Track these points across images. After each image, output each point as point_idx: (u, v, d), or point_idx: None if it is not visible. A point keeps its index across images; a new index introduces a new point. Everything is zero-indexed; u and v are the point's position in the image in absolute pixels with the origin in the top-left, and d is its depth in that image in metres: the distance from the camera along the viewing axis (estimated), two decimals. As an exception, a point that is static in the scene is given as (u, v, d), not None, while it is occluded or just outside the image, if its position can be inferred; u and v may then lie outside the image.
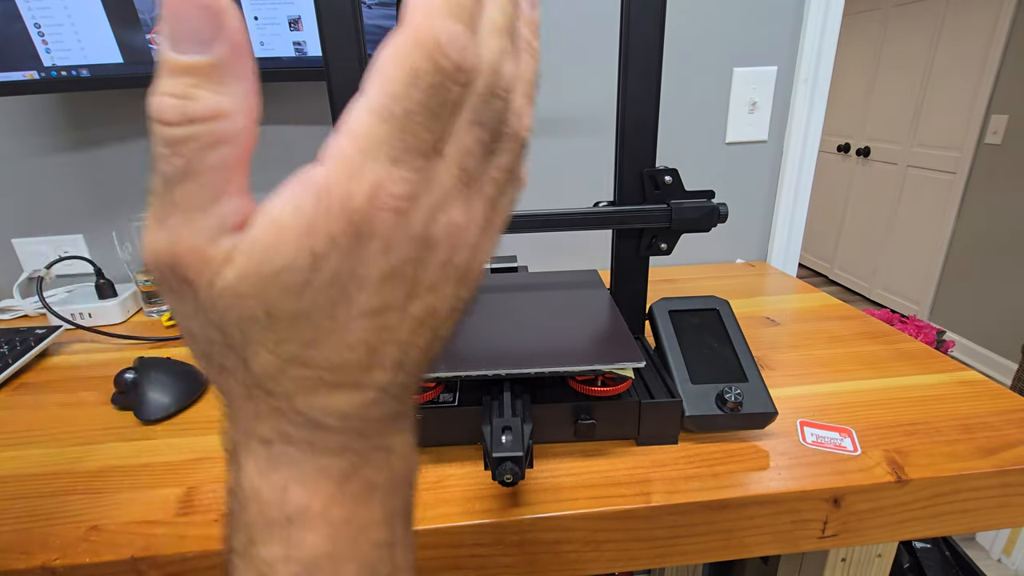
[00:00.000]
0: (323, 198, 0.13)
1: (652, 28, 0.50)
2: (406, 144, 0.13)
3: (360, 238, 0.13)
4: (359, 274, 0.14)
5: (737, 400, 0.46)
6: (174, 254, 0.14)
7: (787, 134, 0.94)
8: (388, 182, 0.13)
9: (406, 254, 0.14)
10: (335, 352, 0.15)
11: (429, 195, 0.14)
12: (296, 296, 0.14)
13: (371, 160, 0.13)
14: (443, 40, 0.13)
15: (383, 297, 0.15)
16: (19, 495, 0.44)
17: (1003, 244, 2.17)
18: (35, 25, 0.68)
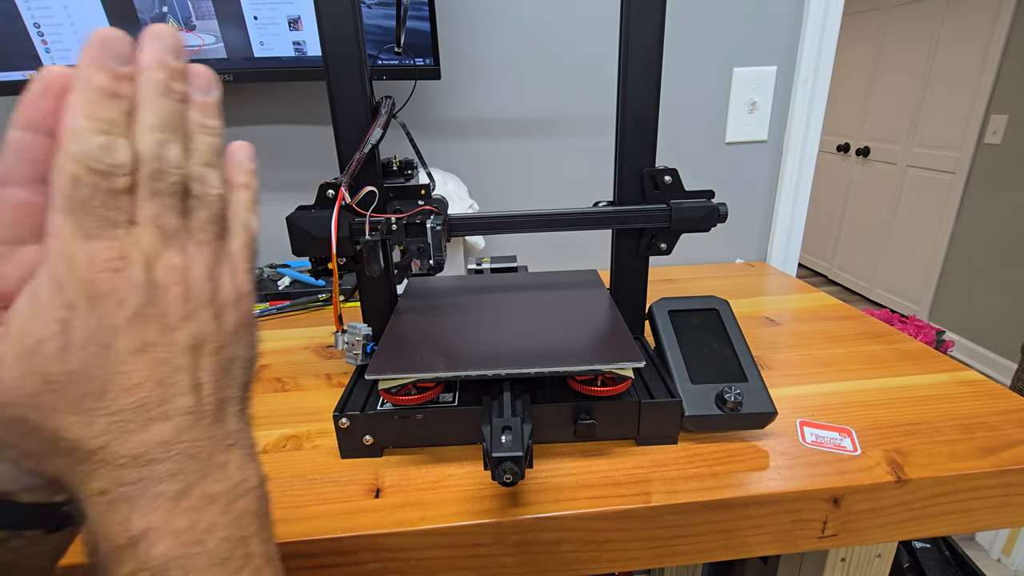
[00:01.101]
0: (51, 281, 0.17)
1: (652, 28, 0.50)
2: (96, 223, 0.17)
3: (93, 298, 0.17)
4: (108, 324, 0.17)
5: (737, 400, 0.46)
6: None
7: (787, 134, 0.94)
8: (95, 253, 0.17)
9: (140, 298, 0.18)
10: (126, 394, 0.18)
11: (138, 253, 0.18)
12: (62, 359, 0.17)
13: (76, 243, 0.17)
14: (91, 152, 0.17)
15: (140, 338, 0.18)
16: (18, 495, 0.44)
17: (1003, 244, 2.17)
18: (34, 25, 0.68)
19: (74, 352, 0.17)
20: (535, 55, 0.86)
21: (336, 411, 0.45)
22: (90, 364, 0.17)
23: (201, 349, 0.19)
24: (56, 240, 0.17)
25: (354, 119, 0.50)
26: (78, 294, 0.17)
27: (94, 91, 0.17)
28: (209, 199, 0.20)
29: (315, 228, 0.50)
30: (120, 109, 0.18)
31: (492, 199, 0.92)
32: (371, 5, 0.71)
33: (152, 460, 0.18)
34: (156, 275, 0.18)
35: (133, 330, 0.18)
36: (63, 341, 0.17)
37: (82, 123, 0.17)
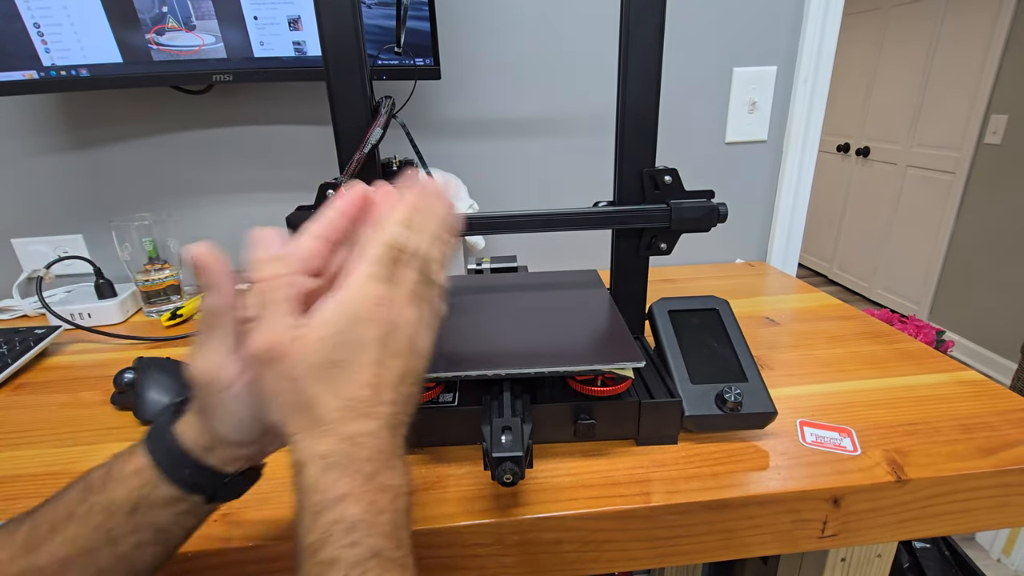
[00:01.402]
0: (348, 301, 0.26)
1: (652, 28, 0.50)
2: (382, 276, 0.27)
3: (361, 320, 0.26)
4: (363, 339, 0.26)
5: (737, 400, 0.46)
6: (267, 341, 0.26)
7: (787, 134, 0.94)
8: (375, 292, 0.26)
9: (385, 329, 0.26)
10: (357, 389, 0.26)
11: (395, 300, 0.27)
12: (338, 351, 0.26)
13: (366, 284, 0.26)
14: (395, 238, 0.27)
15: (377, 355, 0.26)
16: (18, 495, 0.44)
17: (1003, 244, 2.17)
18: (34, 25, 0.68)
19: (344, 349, 0.25)
20: (535, 55, 0.86)
21: (336, 411, 0.45)
22: (349, 361, 0.26)
23: (404, 378, 0.27)
24: (354, 279, 0.26)
25: (354, 119, 0.50)
26: (357, 313, 0.26)
27: (406, 209, 0.28)
28: (437, 286, 0.29)
29: (315, 228, 0.50)
30: (414, 221, 0.28)
31: (492, 199, 0.92)
32: (371, 5, 0.71)
33: (359, 444, 0.25)
34: (399, 319, 0.27)
35: (374, 348, 0.26)
36: (342, 339, 0.25)
37: (395, 222, 0.27)
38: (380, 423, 0.26)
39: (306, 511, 0.25)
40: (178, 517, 0.29)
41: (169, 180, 0.89)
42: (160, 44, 0.71)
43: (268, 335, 0.25)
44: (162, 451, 0.29)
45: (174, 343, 0.72)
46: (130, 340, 0.73)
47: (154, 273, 0.80)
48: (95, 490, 0.28)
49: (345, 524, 0.24)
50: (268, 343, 0.25)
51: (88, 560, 0.27)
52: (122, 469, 0.29)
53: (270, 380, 0.26)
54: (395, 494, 0.26)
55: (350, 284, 0.26)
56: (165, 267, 0.81)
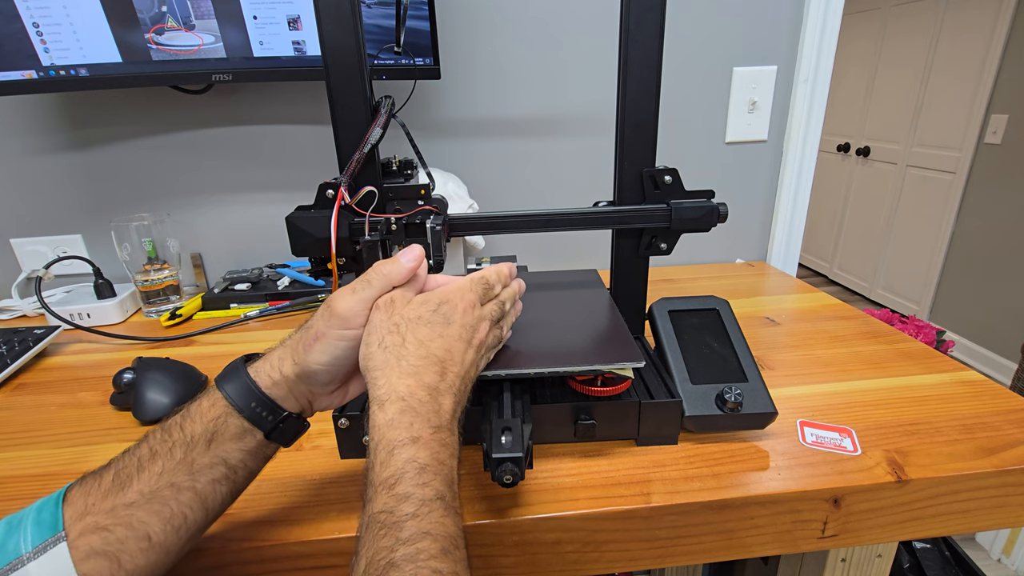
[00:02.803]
0: (450, 289, 0.39)
1: (652, 28, 0.50)
2: (477, 292, 0.39)
3: (456, 303, 0.37)
4: (453, 317, 0.37)
5: (737, 400, 0.46)
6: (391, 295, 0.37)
7: (787, 134, 0.94)
8: (469, 297, 0.39)
9: (469, 323, 0.37)
10: (440, 350, 0.35)
11: (478, 314, 0.39)
12: (434, 312, 0.36)
13: (467, 288, 0.39)
14: (490, 279, 0.41)
15: (460, 332, 0.36)
16: (18, 495, 0.44)
17: (1003, 244, 2.17)
18: (33, 24, 0.68)
19: (438, 314, 0.36)
20: (535, 55, 0.86)
21: (336, 412, 0.45)
22: (440, 326, 0.36)
23: (469, 369, 0.37)
24: (457, 281, 0.40)
25: (354, 119, 0.50)
26: (453, 298, 0.37)
27: (503, 272, 0.43)
28: (506, 326, 0.44)
29: (315, 228, 0.50)
30: (502, 281, 0.42)
31: (492, 199, 0.92)
32: (371, 5, 0.71)
33: (431, 396, 0.32)
34: (478, 326, 0.38)
35: (458, 328, 0.36)
36: (437, 306, 0.37)
37: (493, 273, 0.41)
38: (448, 386, 0.34)
39: (381, 446, 0.30)
40: (244, 455, 0.33)
41: (169, 180, 0.89)
42: (159, 44, 0.71)
43: (395, 293, 0.37)
44: (234, 386, 0.34)
45: (173, 343, 0.72)
46: (129, 340, 0.73)
47: (153, 273, 0.80)
48: (174, 429, 0.32)
49: (418, 465, 0.29)
50: (392, 296, 0.36)
51: (172, 493, 0.31)
52: (199, 407, 0.33)
53: (379, 318, 0.35)
54: (451, 452, 0.32)
55: (455, 282, 0.39)
56: (164, 267, 0.81)
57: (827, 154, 3.14)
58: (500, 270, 0.42)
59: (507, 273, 0.43)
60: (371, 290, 0.36)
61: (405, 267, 0.38)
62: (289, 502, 0.42)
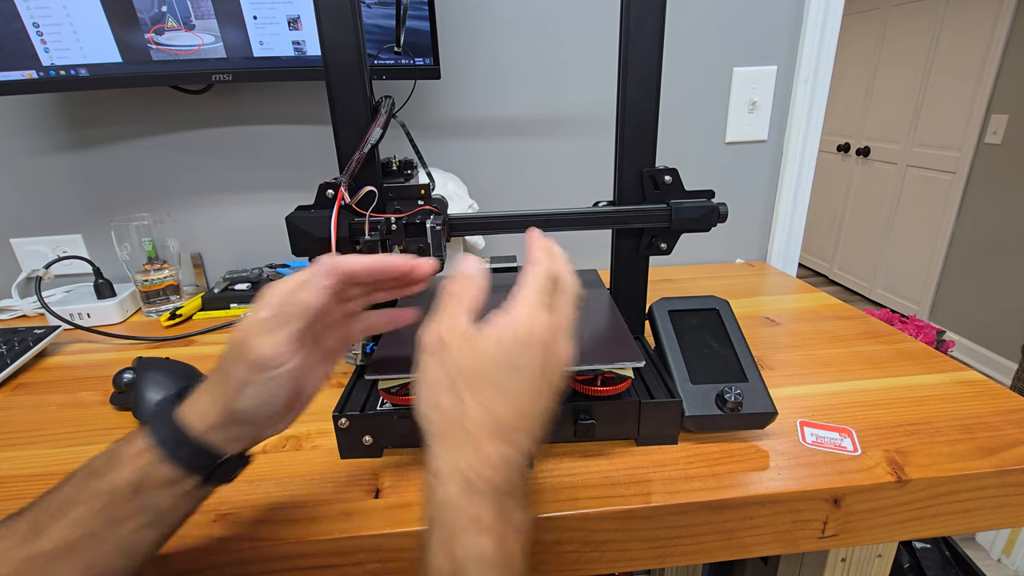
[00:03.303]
0: (518, 326, 0.28)
1: (652, 28, 0.50)
2: (546, 303, 0.29)
3: (527, 345, 0.28)
4: (524, 366, 0.28)
5: (737, 400, 0.46)
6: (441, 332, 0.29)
7: (787, 134, 0.94)
8: (542, 320, 0.29)
9: (544, 358, 0.29)
10: (505, 410, 0.27)
11: (556, 329, 0.29)
12: (500, 370, 0.28)
13: (536, 309, 0.29)
14: (552, 269, 0.31)
15: (533, 384, 0.28)
16: (18, 495, 0.44)
17: (1003, 244, 2.17)
18: (33, 24, 0.68)
19: (504, 371, 0.28)
20: (535, 55, 0.86)
21: (335, 411, 0.45)
22: (506, 383, 0.28)
23: (544, 414, 0.30)
24: (521, 303, 0.29)
25: (354, 119, 0.50)
26: (525, 339, 0.28)
27: (555, 254, 0.32)
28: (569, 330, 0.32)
29: (315, 228, 0.50)
30: (563, 264, 0.32)
31: (492, 199, 0.92)
32: (371, 5, 0.71)
33: (495, 467, 0.27)
34: (557, 349, 0.30)
35: (531, 377, 0.28)
36: (504, 361, 0.28)
37: (560, 264, 0.32)
38: (516, 451, 0.28)
39: (440, 526, 0.26)
40: (176, 500, 0.30)
41: (168, 180, 0.89)
42: (159, 43, 0.71)
43: (443, 327, 0.29)
44: (164, 432, 0.30)
45: (173, 343, 0.72)
46: (129, 340, 0.73)
47: (153, 273, 0.80)
48: (98, 475, 0.29)
49: (483, 562, 0.25)
50: (440, 333, 0.28)
51: (90, 543, 0.28)
52: (125, 452, 0.30)
53: (430, 367, 0.28)
54: (520, 532, 0.27)
55: (518, 307, 0.29)
56: (164, 267, 0.81)
57: (827, 154, 3.14)
58: (555, 251, 0.32)
59: (559, 254, 0.33)
60: (292, 326, 0.30)
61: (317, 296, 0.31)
62: (289, 502, 0.42)
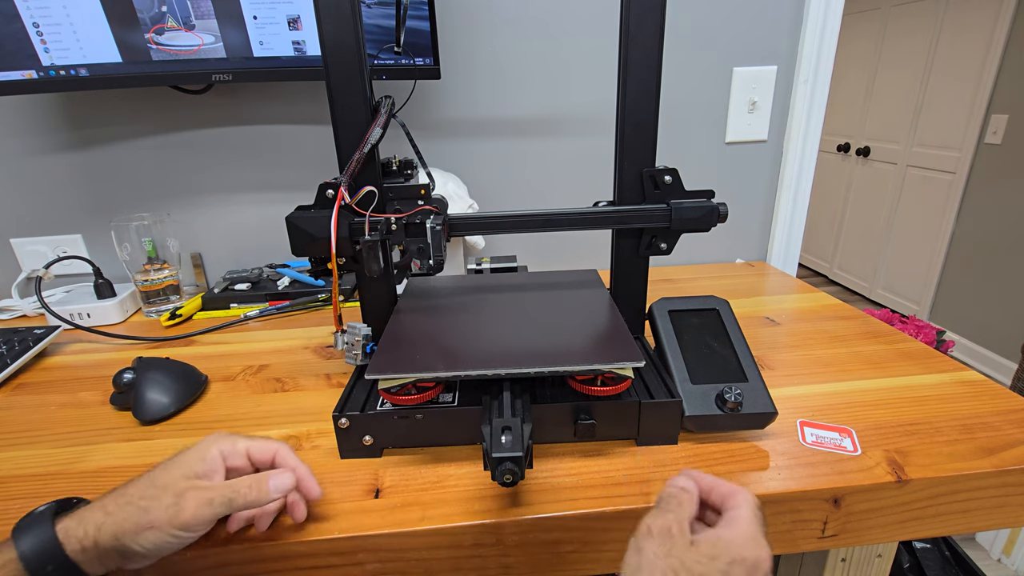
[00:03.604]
0: (738, 537, 0.30)
1: (652, 28, 0.50)
2: (759, 520, 0.32)
3: (742, 558, 0.29)
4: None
5: (737, 400, 0.46)
6: (668, 522, 0.31)
7: (787, 134, 0.94)
8: (756, 531, 0.31)
9: (751, 569, 0.29)
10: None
11: (764, 546, 0.31)
12: (726, 572, 0.28)
13: (754, 522, 0.31)
14: (672, 496, 0.33)
15: None
16: (18, 495, 0.44)
17: (1003, 244, 2.17)
18: (33, 24, 0.68)
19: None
20: (535, 55, 0.86)
21: (336, 411, 0.45)
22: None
23: None
24: (743, 516, 0.31)
25: (354, 119, 0.50)
26: (739, 551, 0.29)
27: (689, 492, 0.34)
28: None
29: (315, 228, 0.50)
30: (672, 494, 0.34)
31: (492, 199, 0.92)
32: (371, 5, 0.71)
33: None
34: (764, 564, 0.30)
35: None
36: (723, 569, 0.29)
37: (672, 490, 0.34)
38: None
39: None
40: None
41: (168, 180, 0.89)
42: (159, 44, 0.71)
43: (670, 519, 0.31)
44: (35, 543, 0.30)
45: (173, 343, 0.72)
46: (129, 340, 0.73)
47: (153, 273, 0.80)
48: None
49: None
50: (668, 523, 0.31)
51: None
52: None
53: (652, 551, 0.30)
54: None
55: (742, 526, 0.31)
56: (164, 267, 0.81)
57: (827, 154, 3.14)
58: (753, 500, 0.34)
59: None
60: (230, 508, 0.34)
61: (271, 497, 0.36)
62: (289, 502, 0.42)
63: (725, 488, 0.33)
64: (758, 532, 0.31)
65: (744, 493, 0.33)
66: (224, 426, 0.53)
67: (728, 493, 0.33)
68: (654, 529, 0.31)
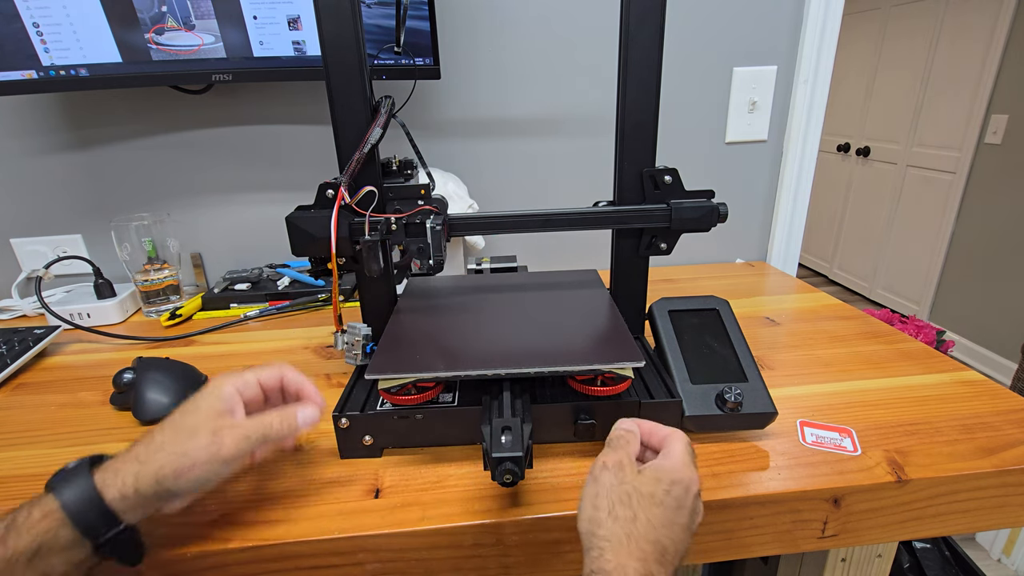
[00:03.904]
0: (679, 467, 0.35)
1: (652, 28, 0.50)
2: (691, 456, 0.37)
3: (686, 487, 0.34)
4: (684, 502, 0.34)
5: (737, 400, 0.46)
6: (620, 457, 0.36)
7: (787, 134, 0.94)
8: (691, 472, 0.35)
9: (692, 506, 0.34)
10: (666, 536, 0.32)
11: (696, 483, 0.35)
12: (668, 496, 0.33)
13: (687, 459, 0.36)
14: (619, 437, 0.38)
15: (686, 521, 0.33)
16: (18, 495, 0.44)
17: (1003, 244, 2.17)
18: (33, 24, 0.68)
19: (671, 498, 0.34)
20: (535, 55, 0.86)
21: (336, 411, 0.45)
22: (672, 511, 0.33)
23: (683, 557, 0.34)
24: (676, 452, 0.36)
25: (354, 119, 0.50)
26: (685, 480, 0.34)
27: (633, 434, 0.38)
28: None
29: (315, 228, 0.50)
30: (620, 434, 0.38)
31: (492, 199, 0.92)
32: (371, 5, 0.71)
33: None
34: (697, 504, 0.35)
35: (687, 514, 0.34)
36: (671, 490, 0.34)
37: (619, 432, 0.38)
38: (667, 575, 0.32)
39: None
40: (67, 568, 0.31)
41: (168, 180, 0.89)
42: (159, 44, 0.71)
43: (622, 455, 0.36)
44: (75, 494, 0.32)
45: (173, 343, 0.72)
46: (129, 340, 0.73)
47: (153, 273, 0.80)
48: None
49: None
50: (620, 458, 0.35)
51: None
52: (28, 518, 0.31)
53: (608, 480, 0.34)
54: None
55: (677, 457, 0.36)
56: (164, 267, 0.81)
57: (827, 154, 3.14)
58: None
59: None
60: (264, 441, 0.37)
61: (301, 430, 0.39)
62: (289, 502, 0.42)
63: (662, 431, 0.38)
64: (689, 461, 0.36)
65: (677, 432, 0.38)
66: (224, 426, 0.53)
67: (664, 435, 0.38)
68: (608, 463, 0.35)
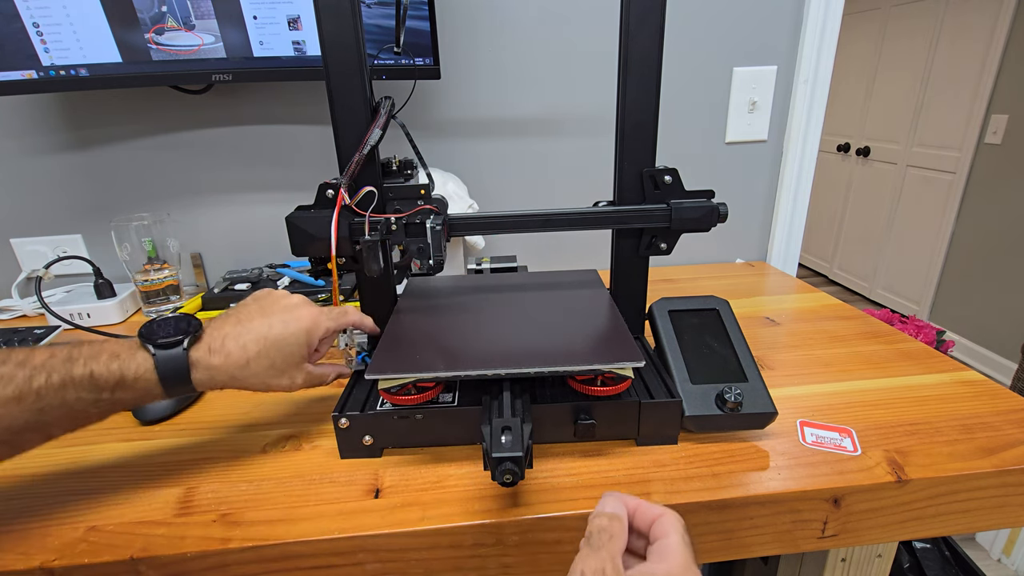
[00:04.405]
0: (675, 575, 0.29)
1: (652, 28, 0.50)
2: (688, 544, 0.30)
3: None
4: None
5: (737, 400, 0.46)
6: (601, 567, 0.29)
7: (787, 134, 0.94)
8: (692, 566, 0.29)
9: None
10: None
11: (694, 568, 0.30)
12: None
13: (686, 551, 0.30)
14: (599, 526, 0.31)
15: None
16: (18, 495, 0.44)
17: (1003, 244, 2.17)
18: (33, 24, 0.68)
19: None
20: (535, 55, 0.86)
21: (336, 411, 0.45)
22: None
23: None
24: (674, 546, 0.30)
25: (354, 119, 0.50)
26: None
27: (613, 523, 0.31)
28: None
29: (315, 228, 0.50)
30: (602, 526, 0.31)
31: (492, 199, 0.92)
32: (371, 5, 0.71)
33: None
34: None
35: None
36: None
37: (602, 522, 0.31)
38: None
39: None
40: (104, 408, 0.39)
41: (168, 180, 0.89)
42: (159, 44, 0.71)
43: (604, 558, 0.29)
44: (171, 366, 0.39)
45: (174, 343, 0.72)
46: (130, 340, 0.73)
47: (153, 273, 0.80)
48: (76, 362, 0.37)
49: None
50: (601, 565, 0.29)
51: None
52: (121, 367, 0.38)
53: None
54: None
55: (670, 554, 0.30)
56: (164, 267, 0.81)
57: (827, 154, 3.14)
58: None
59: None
60: (320, 383, 0.47)
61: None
62: (289, 502, 0.42)
63: (650, 512, 0.32)
64: (690, 560, 0.30)
65: (670, 516, 0.32)
66: (223, 426, 0.53)
67: (653, 517, 0.32)
68: (587, 572, 0.29)
